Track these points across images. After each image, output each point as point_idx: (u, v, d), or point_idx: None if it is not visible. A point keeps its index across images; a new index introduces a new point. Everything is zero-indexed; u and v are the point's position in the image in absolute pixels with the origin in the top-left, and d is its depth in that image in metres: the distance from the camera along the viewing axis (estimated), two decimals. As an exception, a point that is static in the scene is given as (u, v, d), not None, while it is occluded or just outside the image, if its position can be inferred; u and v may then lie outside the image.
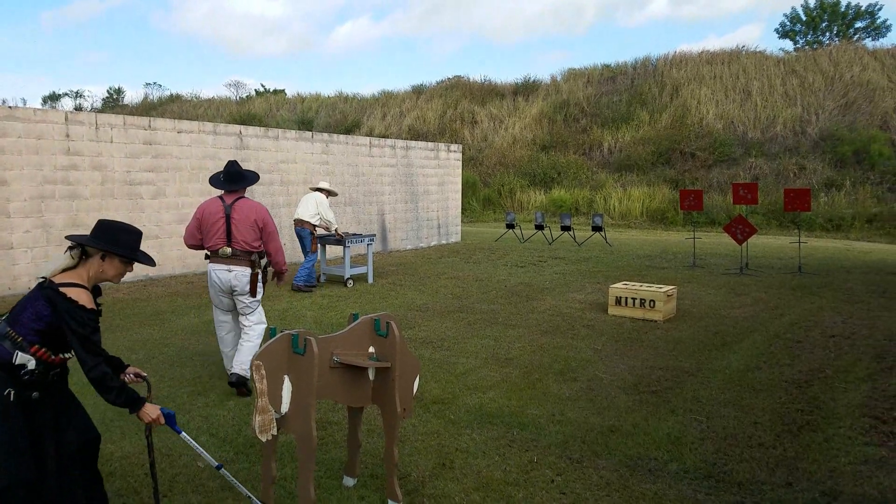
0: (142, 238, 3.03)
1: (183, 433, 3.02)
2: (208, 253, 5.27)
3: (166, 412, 2.86)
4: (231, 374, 5.21)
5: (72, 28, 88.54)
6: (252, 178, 5.37)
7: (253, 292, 5.20)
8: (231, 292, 5.20)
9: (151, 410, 2.82)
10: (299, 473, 3.06)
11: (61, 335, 2.73)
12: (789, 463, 3.98)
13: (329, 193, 10.14)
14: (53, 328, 2.71)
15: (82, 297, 2.72)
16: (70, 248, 2.85)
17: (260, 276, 5.24)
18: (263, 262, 5.32)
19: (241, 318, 5.31)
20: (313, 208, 9.80)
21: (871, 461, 3.99)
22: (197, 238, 5.27)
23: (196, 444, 3.09)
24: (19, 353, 2.66)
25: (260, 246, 5.22)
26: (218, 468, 3.13)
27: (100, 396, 2.74)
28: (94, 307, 2.79)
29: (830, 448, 4.19)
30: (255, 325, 5.29)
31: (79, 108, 48.93)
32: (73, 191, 9.75)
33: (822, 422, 4.64)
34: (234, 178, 5.23)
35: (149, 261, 3.07)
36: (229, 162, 5.35)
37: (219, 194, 5.30)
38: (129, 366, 3.13)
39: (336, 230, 10.08)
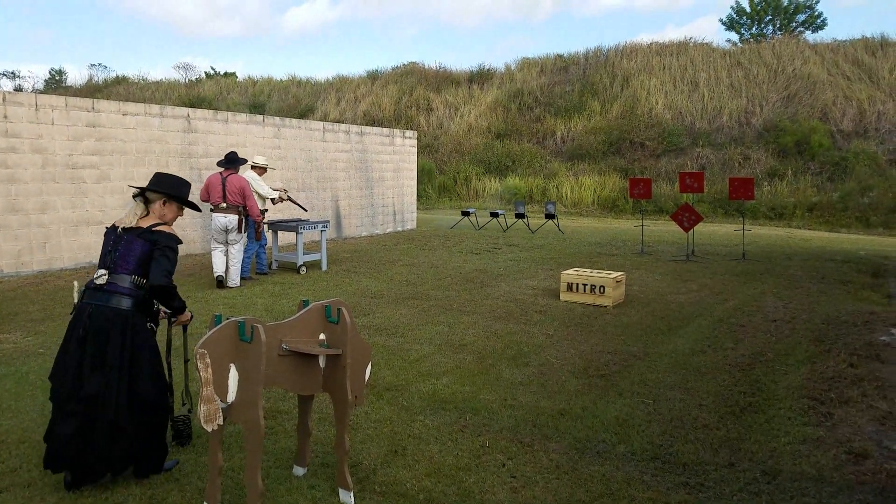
0: (190, 188, 3.71)
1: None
2: (212, 207, 8.66)
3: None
4: (220, 278, 8.76)
5: (10, 4, 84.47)
6: (241, 161, 8.89)
7: (240, 229, 8.66)
8: (226, 230, 8.61)
9: (185, 315, 3.73)
10: (247, 463, 3.00)
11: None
12: (732, 444, 4.10)
13: (262, 169, 9.68)
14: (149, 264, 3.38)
15: (170, 231, 3.47)
16: (134, 196, 3.53)
17: (243, 221, 8.67)
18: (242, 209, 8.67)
19: (230, 248, 8.76)
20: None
21: (809, 441, 4.15)
22: (205, 196, 8.70)
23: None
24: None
25: (242, 202, 8.62)
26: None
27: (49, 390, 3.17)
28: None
29: (771, 429, 4.33)
30: (237, 252, 8.80)
31: (19, 90, 46.86)
32: (11, 174, 9.34)
33: (763, 403, 4.80)
34: (230, 161, 8.77)
35: (197, 208, 3.92)
36: (230, 151, 9.02)
37: (217, 171, 8.83)
38: None
39: (279, 195, 9.79)
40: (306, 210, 12.23)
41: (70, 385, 3.26)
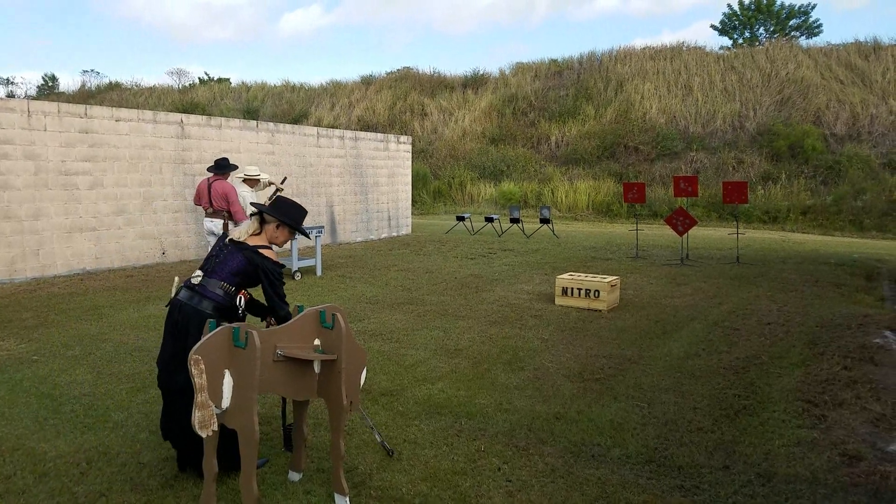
0: (306, 215, 3.80)
1: None
2: (204, 209, 8.88)
3: None
4: None
5: (2, 11, 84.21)
6: (231, 168, 8.82)
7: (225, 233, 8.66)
8: (213, 234, 8.73)
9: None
10: (242, 469, 3.00)
11: (248, 283, 3.58)
12: (727, 446, 4.11)
13: (255, 181, 9.32)
14: (247, 277, 3.54)
15: (273, 255, 3.59)
16: (251, 214, 3.74)
17: (229, 225, 8.60)
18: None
19: None
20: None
21: (803, 443, 4.16)
22: (196, 202, 8.96)
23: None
24: (241, 298, 3.58)
25: (227, 206, 8.58)
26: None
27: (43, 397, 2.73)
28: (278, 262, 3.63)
29: (766, 431, 4.34)
30: None
31: (11, 96, 46.75)
32: (4, 181, 9.32)
33: (757, 406, 4.81)
34: (219, 167, 8.70)
35: (308, 235, 4.08)
36: (220, 157, 8.91)
37: (207, 177, 8.83)
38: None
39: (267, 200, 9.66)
40: (286, 178, 11.07)
41: (165, 376, 3.53)
